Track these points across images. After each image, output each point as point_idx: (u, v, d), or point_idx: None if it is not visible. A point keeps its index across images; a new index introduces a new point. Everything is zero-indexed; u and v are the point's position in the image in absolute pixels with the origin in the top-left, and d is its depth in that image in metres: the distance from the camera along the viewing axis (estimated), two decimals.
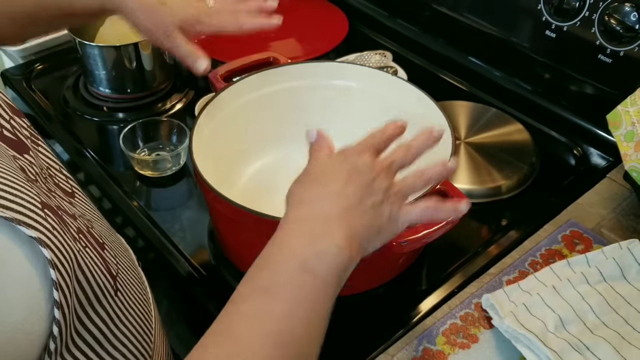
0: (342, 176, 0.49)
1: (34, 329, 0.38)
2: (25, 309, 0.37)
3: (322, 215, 0.47)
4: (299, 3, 1.16)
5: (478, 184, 0.80)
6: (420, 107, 0.73)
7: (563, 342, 0.57)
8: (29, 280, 0.37)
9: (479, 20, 0.98)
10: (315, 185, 0.49)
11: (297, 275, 0.43)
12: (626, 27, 0.78)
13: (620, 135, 0.72)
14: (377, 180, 0.50)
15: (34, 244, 0.37)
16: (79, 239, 0.44)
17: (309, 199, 0.48)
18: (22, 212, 0.37)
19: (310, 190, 0.49)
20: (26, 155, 0.47)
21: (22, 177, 0.41)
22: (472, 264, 0.70)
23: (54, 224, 0.39)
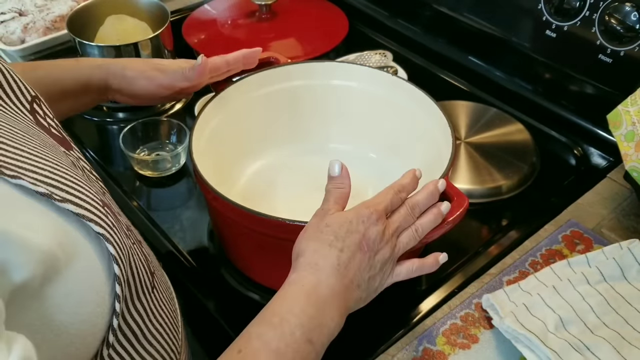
0: (354, 244, 0.52)
1: (98, 322, 0.40)
2: (93, 301, 0.39)
3: (328, 290, 0.50)
4: (299, 3, 1.16)
5: (478, 184, 0.80)
6: (420, 107, 0.73)
7: (563, 342, 0.57)
8: (96, 274, 0.39)
9: (479, 20, 0.98)
10: (331, 251, 0.51)
11: (302, 345, 0.47)
12: (626, 27, 0.78)
13: (620, 135, 0.72)
14: (380, 252, 0.53)
15: (100, 239, 0.39)
16: (129, 235, 0.46)
17: (323, 267, 0.50)
18: (89, 209, 0.39)
19: (325, 257, 0.51)
20: (72, 151, 0.48)
21: (79, 174, 0.43)
22: (472, 264, 0.70)
23: (113, 220, 0.41)
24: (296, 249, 0.53)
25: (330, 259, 0.51)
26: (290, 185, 0.79)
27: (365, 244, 0.52)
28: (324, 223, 0.53)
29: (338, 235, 0.52)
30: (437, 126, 0.69)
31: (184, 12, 1.17)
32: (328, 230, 0.52)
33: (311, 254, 0.51)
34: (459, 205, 0.58)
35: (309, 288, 0.49)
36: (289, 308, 0.48)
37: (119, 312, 0.41)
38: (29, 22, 1.09)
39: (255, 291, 0.69)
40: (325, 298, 0.49)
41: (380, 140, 0.80)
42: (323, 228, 0.52)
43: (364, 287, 0.53)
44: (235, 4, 1.17)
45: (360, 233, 0.52)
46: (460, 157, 0.83)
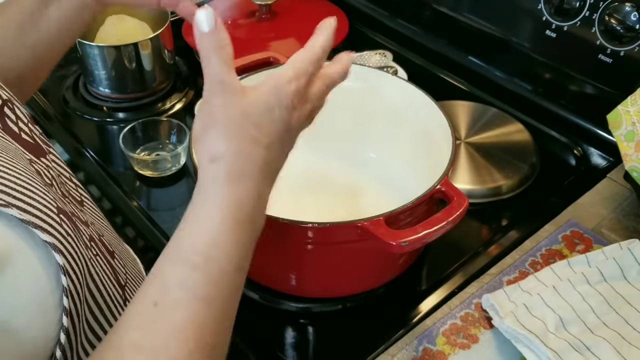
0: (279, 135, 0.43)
1: (40, 334, 0.37)
2: (33, 312, 0.36)
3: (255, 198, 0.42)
4: (299, 3, 1.16)
5: (478, 184, 0.80)
6: (420, 107, 0.73)
7: (563, 343, 0.57)
8: (38, 283, 0.36)
9: (479, 20, 0.98)
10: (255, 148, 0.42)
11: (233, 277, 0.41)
12: (626, 27, 0.78)
13: (620, 135, 0.72)
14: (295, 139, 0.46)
15: (48, 248, 0.36)
16: (91, 246, 0.42)
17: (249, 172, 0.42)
18: (38, 216, 0.36)
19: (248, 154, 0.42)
20: (43, 159, 0.46)
21: (39, 181, 0.40)
22: (472, 264, 0.70)
23: (68, 230, 0.39)
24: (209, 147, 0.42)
25: (257, 161, 0.42)
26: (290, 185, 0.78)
27: (287, 135, 0.44)
28: (240, 111, 0.42)
29: (262, 129, 0.42)
30: (437, 126, 0.69)
31: None
32: (249, 122, 0.42)
33: (233, 157, 0.41)
34: (459, 205, 0.58)
35: (235, 208, 0.40)
36: (212, 240, 0.40)
37: (66, 327, 0.37)
38: None
39: (255, 290, 0.69)
40: (254, 209, 0.42)
41: (380, 140, 0.80)
42: (242, 119, 0.42)
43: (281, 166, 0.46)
44: (235, 4, 1.17)
45: (285, 122, 0.43)
46: (460, 157, 0.83)
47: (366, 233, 0.56)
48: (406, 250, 0.56)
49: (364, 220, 0.56)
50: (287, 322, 0.67)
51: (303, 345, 0.65)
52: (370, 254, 0.63)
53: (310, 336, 0.66)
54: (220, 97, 0.42)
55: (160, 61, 0.97)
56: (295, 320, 0.67)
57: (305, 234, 0.58)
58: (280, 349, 0.64)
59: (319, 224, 0.57)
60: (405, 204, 0.58)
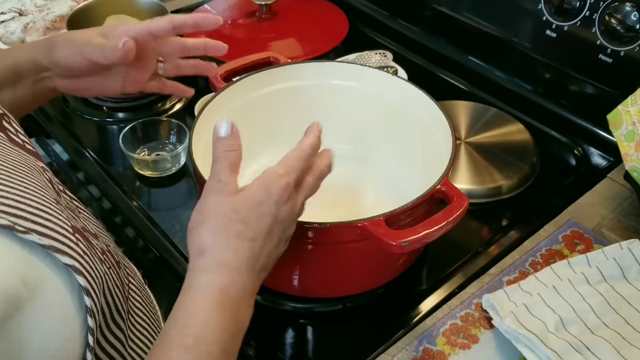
0: (265, 230, 0.46)
1: (70, 355, 0.37)
2: (63, 336, 0.37)
3: (241, 289, 0.45)
4: (298, 2, 1.16)
5: (478, 184, 0.80)
6: (420, 107, 0.73)
7: (563, 343, 0.57)
8: (65, 307, 0.37)
9: (479, 20, 0.98)
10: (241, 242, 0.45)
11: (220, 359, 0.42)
12: (627, 27, 0.78)
13: (620, 135, 0.72)
14: (289, 229, 0.49)
15: (69, 271, 0.37)
16: (104, 260, 0.43)
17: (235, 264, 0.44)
18: (57, 239, 0.37)
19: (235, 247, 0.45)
20: (47, 173, 0.46)
21: (51, 197, 0.40)
22: (472, 264, 0.70)
23: (84, 248, 0.39)
24: (198, 241, 0.45)
25: (242, 253, 0.44)
26: None
27: (275, 226, 0.46)
28: (230, 208, 0.45)
29: (248, 223, 0.45)
30: (437, 126, 0.69)
31: (183, 12, 1.17)
32: (236, 217, 0.45)
33: (220, 250, 0.44)
34: (459, 205, 0.58)
35: (221, 294, 0.43)
36: (202, 322, 0.42)
37: (92, 346, 0.38)
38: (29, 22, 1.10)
39: None
40: (240, 299, 0.44)
41: (380, 140, 0.80)
42: (230, 214, 0.45)
43: (271, 265, 0.48)
44: (236, 4, 1.17)
45: (272, 216, 0.46)
46: (460, 157, 0.83)
47: (366, 233, 0.56)
48: (406, 250, 0.56)
49: (364, 220, 0.56)
50: (287, 322, 0.67)
51: (303, 345, 0.65)
52: (370, 254, 0.63)
53: (310, 336, 0.66)
54: (214, 195, 0.46)
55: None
56: (295, 320, 0.67)
57: (306, 234, 0.58)
58: (280, 349, 0.64)
59: (319, 224, 0.57)
60: (405, 204, 0.58)
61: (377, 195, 0.77)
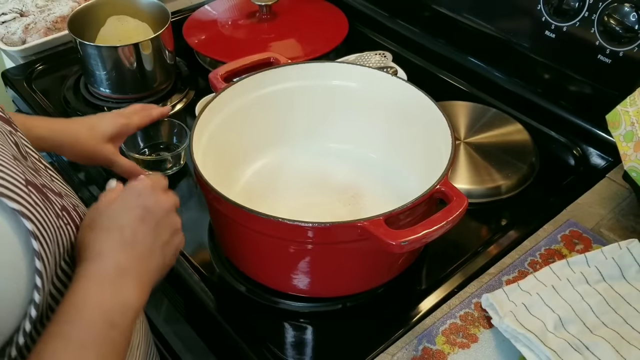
0: (135, 218, 0.51)
1: (16, 297, 0.41)
2: (10, 276, 0.40)
3: (118, 269, 0.48)
4: (299, 3, 1.17)
5: (478, 184, 0.80)
6: (419, 108, 0.73)
7: (562, 342, 0.57)
8: (12, 249, 0.40)
9: (478, 21, 0.98)
10: (110, 233, 0.50)
11: (106, 332, 0.45)
12: (626, 28, 0.78)
13: (619, 135, 0.72)
14: (166, 219, 0.53)
15: (17, 216, 0.40)
16: (62, 216, 0.47)
17: (107, 251, 0.49)
18: (6, 187, 0.40)
19: (105, 240, 0.49)
20: (13, 136, 0.49)
21: (9, 155, 0.44)
22: (471, 263, 0.70)
23: (37, 200, 0.43)
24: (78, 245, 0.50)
25: (111, 241, 0.49)
26: (291, 186, 0.79)
27: (146, 214, 0.51)
28: (97, 211, 0.51)
29: (114, 217, 0.51)
30: (436, 126, 0.69)
31: (184, 13, 1.17)
32: (103, 216, 0.51)
33: (93, 244, 0.49)
34: (459, 205, 0.58)
35: (97, 276, 0.47)
36: (82, 300, 0.46)
37: (40, 287, 0.41)
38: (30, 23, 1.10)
39: (256, 291, 0.69)
40: (118, 278, 0.48)
41: (380, 141, 0.80)
42: (96, 216, 0.51)
43: (159, 255, 0.52)
44: (236, 5, 1.17)
45: (139, 207, 0.52)
46: (459, 157, 0.83)
47: (366, 233, 0.56)
48: (406, 250, 0.56)
49: (364, 220, 0.56)
50: (287, 321, 0.67)
51: (303, 345, 0.65)
52: (370, 254, 0.63)
53: (310, 336, 0.67)
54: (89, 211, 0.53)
55: (161, 61, 0.97)
56: (295, 319, 0.68)
57: (305, 234, 0.58)
58: (281, 348, 0.64)
59: (319, 224, 0.57)
60: (405, 204, 0.58)
61: (377, 195, 0.77)
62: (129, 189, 0.53)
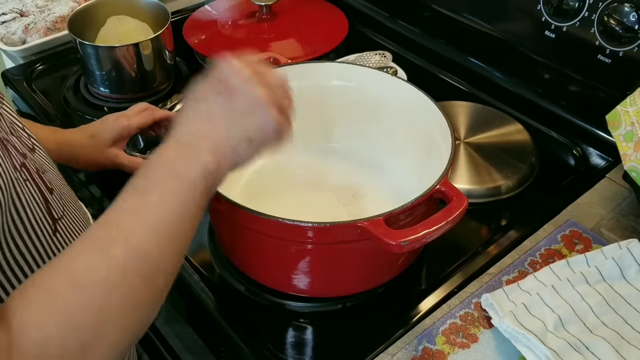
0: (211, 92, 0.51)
1: None
2: None
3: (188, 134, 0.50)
4: (299, 3, 1.17)
5: (478, 184, 0.80)
6: (420, 108, 0.73)
7: (562, 342, 0.57)
8: None
9: (478, 21, 0.98)
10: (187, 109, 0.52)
11: (165, 178, 0.47)
12: (625, 28, 0.78)
13: (619, 135, 0.72)
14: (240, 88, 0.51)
15: None
16: (21, 170, 0.48)
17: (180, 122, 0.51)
18: None
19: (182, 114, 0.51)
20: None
21: None
22: (471, 263, 0.70)
23: None
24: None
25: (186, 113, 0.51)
26: (291, 185, 0.79)
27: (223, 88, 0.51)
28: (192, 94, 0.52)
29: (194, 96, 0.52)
30: (436, 126, 0.69)
31: (184, 13, 1.17)
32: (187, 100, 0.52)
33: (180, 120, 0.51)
34: (459, 205, 0.58)
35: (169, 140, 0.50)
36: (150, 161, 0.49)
37: None
38: (30, 23, 1.10)
39: (256, 290, 0.69)
40: (186, 140, 0.49)
41: (380, 141, 0.80)
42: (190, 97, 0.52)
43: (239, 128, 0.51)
44: (236, 5, 1.17)
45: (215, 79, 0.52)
46: (459, 157, 0.83)
47: (366, 233, 0.56)
48: (406, 250, 0.56)
49: (364, 220, 0.56)
50: (287, 321, 0.67)
51: (303, 345, 0.65)
52: (370, 254, 0.63)
53: (310, 336, 0.67)
54: None
55: (161, 62, 0.97)
56: (295, 319, 0.68)
57: (305, 234, 0.58)
58: (280, 348, 0.64)
59: (319, 224, 0.57)
60: (405, 204, 0.58)
61: (376, 195, 0.77)
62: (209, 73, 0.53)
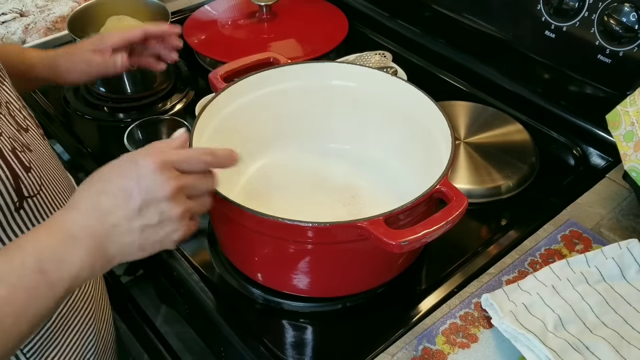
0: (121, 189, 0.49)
1: None
2: None
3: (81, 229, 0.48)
4: (299, 3, 1.17)
5: (478, 184, 0.80)
6: (420, 108, 0.73)
7: (562, 342, 0.57)
8: None
9: (478, 21, 0.98)
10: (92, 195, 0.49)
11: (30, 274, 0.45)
12: (625, 28, 0.78)
13: (619, 135, 0.72)
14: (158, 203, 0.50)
15: None
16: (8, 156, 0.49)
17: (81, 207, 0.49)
18: None
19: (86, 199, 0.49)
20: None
21: None
22: (471, 263, 0.70)
23: None
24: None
25: (91, 202, 0.49)
26: (291, 185, 0.79)
27: (137, 192, 0.49)
28: (102, 169, 0.51)
29: (106, 180, 0.50)
30: (436, 126, 0.69)
31: (184, 13, 1.17)
32: (98, 176, 0.50)
33: (77, 198, 0.50)
34: (458, 205, 0.58)
35: (57, 224, 0.48)
36: (30, 237, 0.47)
37: None
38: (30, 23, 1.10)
39: (255, 290, 0.69)
40: (75, 235, 0.47)
41: (380, 141, 0.80)
42: (95, 175, 0.51)
43: (136, 235, 0.50)
44: (236, 5, 1.17)
45: (132, 179, 0.49)
46: (459, 157, 0.83)
47: (366, 233, 0.56)
48: (406, 250, 0.56)
49: (364, 220, 0.56)
50: (287, 321, 0.67)
51: (303, 345, 0.65)
52: (370, 254, 0.63)
53: (310, 336, 0.67)
54: None
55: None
56: (295, 319, 0.68)
57: (305, 234, 0.58)
58: (280, 348, 0.64)
59: (319, 224, 0.57)
60: (405, 204, 0.58)
61: (376, 195, 0.77)
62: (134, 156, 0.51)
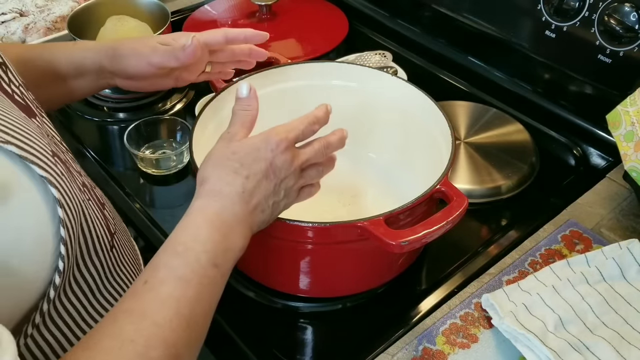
0: (260, 172, 0.52)
1: (40, 260, 0.41)
2: (35, 239, 0.40)
3: (232, 216, 0.51)
4: (299, 3, 1.17)
5: (478, 184, 0.80)
6: (419, 108, 0.73)
7: (563, 342, 0.57)
8: (38, 214, 0.40)
9: (479, 21, 0.98)
10: (236, 179, 0.52)
11: (208, 270, 0.48)
12: (626, 27, 0.78)
13: (619, 135, 0.72)
14: (286, 180, 0.54)
15: (45, 183, 0.41)
16: (84, 191, 0.48)
17: (227, 194, 0.51)
18: (34, 154, 0.40)
19: (230, 184, 0.52)
20: (34, 119, 0.49)
21: (36, 128, 0.45)
22: (472, 263, 0.70)
23: (62, 170, 0.43)
24: (200, 175, 0.53)
25: (235, 186, 0.51)
26: None
27: (271, 172, 0.53)
28: (230, 150, 0.53)
29: (244, 163, 0.52)
30: (436, 126, 0.69)
31: (184, 13, 1.17)
32: (234, 158, 0.53)
33: (216, 180, 0.52)
34: (459, 205, 0.58)
35: (212, 215, 0.50)
36: (193, 236, 0.49)
37: (63, 255, 0.42)
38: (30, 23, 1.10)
39: (255, 290, 0.69)
40: (230, 224, 0.50)
41: (380, 141, 0.80)
42: (229, 155, 0.53)
43: (268, 211, 0.54)
44: (236, 5, 1.17)
45: (268, 161, 0.53)
46: (459, 157, 0.83)
47: (366, 233, 0.56)
48: (406, 250, 0.56)
49: (364, 220, 0.56)
50: (286, 321, 0.67)
51: (303, 345, 0.65)
52: (370, 254, 0.63)
53: (310, 336, 0.67)
54: (221, 142, 0.55)
55: None
56: (295, 319, 0.68)
57: (305, 234, 0.58)
58: (280, 348, 0.64)
59: (319, 224, 0.57)
60: (405, 204, 0.58)
61: (377, 195, 0.77)
62: (266, 138, 0.53)
